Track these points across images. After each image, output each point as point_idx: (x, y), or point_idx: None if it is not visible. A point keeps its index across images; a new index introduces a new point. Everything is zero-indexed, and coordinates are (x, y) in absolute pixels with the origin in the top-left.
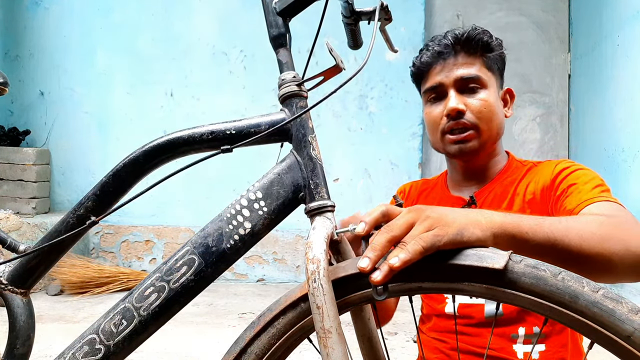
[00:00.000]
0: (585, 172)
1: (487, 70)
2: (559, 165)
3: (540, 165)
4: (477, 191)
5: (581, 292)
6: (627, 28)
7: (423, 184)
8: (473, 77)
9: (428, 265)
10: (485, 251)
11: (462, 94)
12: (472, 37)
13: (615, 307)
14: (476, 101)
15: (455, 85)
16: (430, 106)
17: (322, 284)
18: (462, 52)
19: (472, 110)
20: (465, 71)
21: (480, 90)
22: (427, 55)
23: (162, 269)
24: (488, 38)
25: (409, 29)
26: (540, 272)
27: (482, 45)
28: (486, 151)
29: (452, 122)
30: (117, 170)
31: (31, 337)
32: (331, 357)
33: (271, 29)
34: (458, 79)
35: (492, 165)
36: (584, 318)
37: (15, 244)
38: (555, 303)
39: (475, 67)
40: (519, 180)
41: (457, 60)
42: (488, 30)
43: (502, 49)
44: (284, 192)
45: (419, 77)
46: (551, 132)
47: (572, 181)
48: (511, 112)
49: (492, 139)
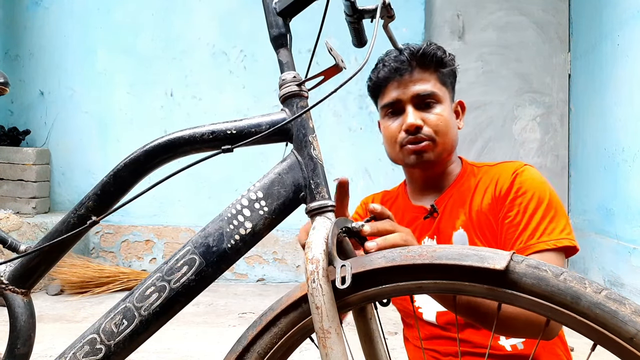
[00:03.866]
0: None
1: (442, 85)
2: (518, 177)
3: (497, 167)
4: (436, 199)
5: (583, 293)
6: (627, 28)
7: (384, 196)
8: (429, 94)
9: (429, 265)
10: (487, 251)
11: (419, 110)
12: (427, 53)
13: (618, 308)
14: (432, 116)
15: (412, 101)
16: (387, 120)
17: (321, 284)
18: (417, 67)
19: (429, 124)
20: (421, 87)
21: (436, 105)
22: (384, 71)
23: (163, 268)
24: (442, 54)
25: (410, 29)
26: (541, 272)
27: (436, 61)
28: (442, 161)
29: (411, 136)
30: (118, 170)
31: (32, 337)
32: (330, 357)
33: (272, 29)
34: (414, 96)
35: (448, 172)
36: (586, 319)
37: (16, 243)
38: (556, 304)
39: (431, 83)
40: (475, 184)
41: (413, 76)
42: (441, 47)
43: (454, 64)
44: (284, 192)
45: (376, 91)
46: (551, 132)
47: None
48: (463, 124)
49: (448, 150)
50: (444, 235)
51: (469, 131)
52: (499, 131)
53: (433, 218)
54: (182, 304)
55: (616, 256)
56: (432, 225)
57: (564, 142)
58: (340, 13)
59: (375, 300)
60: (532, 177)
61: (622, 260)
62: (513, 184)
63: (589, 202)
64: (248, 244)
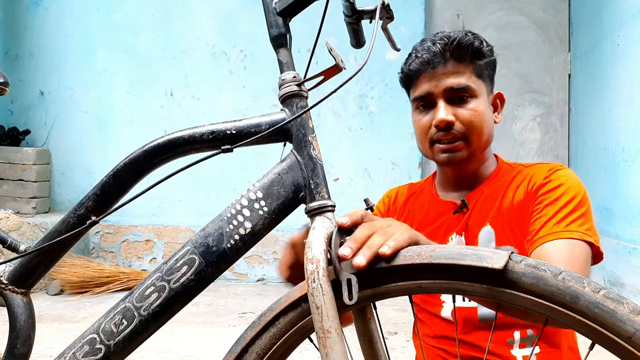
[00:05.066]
0: (568, 190)
1: (477, 78)
2: (552, 174)
3: (531, 168)
4: (467, 195)
5: (582, 292)
6: (627, 28)
7: (409, 189)
8: (463, 88)
9: (427, 265)
10: (485, 251)
11: (452, 104)
12: (462, 43)
13: (616, 307)
14: (466, 111)
15: (445, 96)
16: (419, 114)
17: (321, 284)
18: (451, 59)
19: (461, 120)
20: (454, 81)
21: (470, 99)
22: (416, 63)
23: (163, 268)
24: (479, 44)
25: (410, 28)
26: (540, 272)
27: (472, 52)
28: (476, 159)
29: (441, 133)
30: (117, 170)
31: (31, 337)
32: (330, 357)
33: (271, 29)
34: (447, 89)
35: (482, 170)
36: (585, 319)
37: (16, 243)
38: (555, 303)
39: (465, 76)
40: (508, 182)
41: (447, 69)
42: (479, 36)
43: (493, 55)
44: (284, 192)
45: (408, 83)
46: (551, 131)
47: (551, 199)
48: (500, 117)
49: (482, 147)
50: (472, 232)
51: None
52: (499, 131)
53: (462, 213)
54: (182, 304)
55: (616, 256)
56: (460, 221)
57: (564, 142)
58: (339, 13)
59: (375, 300)
60: (569, 174)
61: (622, 260)
62: (547, 178)
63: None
64: (248, 244)
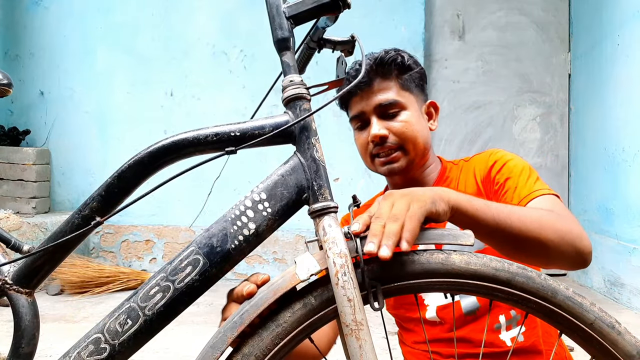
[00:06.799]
0: (516, 163)
1: (405, 91)
2: (491, 156)
3: (472, 160)
4: None
5: (558, 289)
6: (627, 28)
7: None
8: (391, 102)
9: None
10: (464, 232)
11: (384, 119)
12: (384, 61)
13: (582, 300)
14: (397, 124)
15: (376, 112)
16: (357, 133)
17: (351, 277)
18: (377, 77)
19: (394, 132)
20: (382, 97)
21: (400, 112)
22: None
23: (167, 268)
24: (401, 59)
25: (409, 28)
26: (528, 272)
27: (396, 68)
28: (417, 165)
29: (378, 147)
30: (122, 171)
31: (36, 337)
32: (364, 348)
33: (278, 31)
34: (377, 106)
35: (428, 174)
36: (561, 310)
37: (19, 244)
38: (539, 298)
39: (392, 91)
40: (457, 179)
41: (373, 87)
42: (402, 51)
43: (418, 67)
44: (287, 194)
45: (345, 106)
46: (551, 131)
47: (507, 174)
48: (436, 125)
49: (420, 154)
50: None
51: (469, 131)
52: (499, 131)
53: None
54: (186, 304)
55: (616, 256)
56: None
57: (564, 142)
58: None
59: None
60: (506, 152)
61: (622, 260)
62: (492, 162)
63: (589, 202)
64: (252, 245)
